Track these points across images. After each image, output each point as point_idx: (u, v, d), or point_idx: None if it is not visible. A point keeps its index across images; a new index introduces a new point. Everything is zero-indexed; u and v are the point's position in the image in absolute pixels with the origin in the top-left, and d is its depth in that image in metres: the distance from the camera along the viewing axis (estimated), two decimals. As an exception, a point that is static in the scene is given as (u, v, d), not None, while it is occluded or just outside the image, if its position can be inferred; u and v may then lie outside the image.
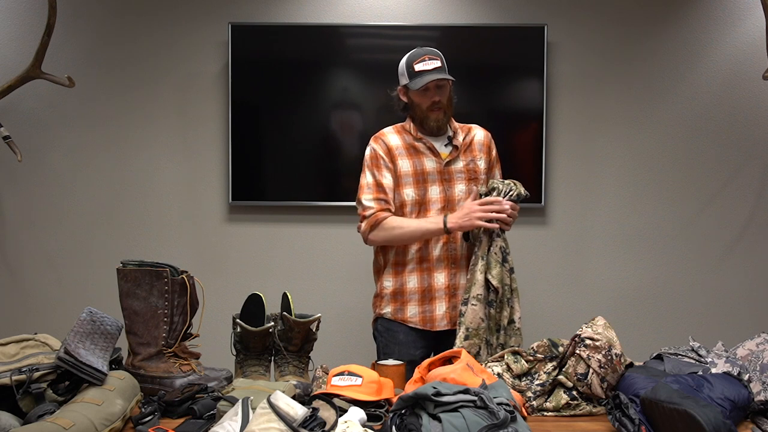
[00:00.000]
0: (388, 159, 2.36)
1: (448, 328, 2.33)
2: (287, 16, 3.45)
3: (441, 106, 2.32)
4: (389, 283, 2.38)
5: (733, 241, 3.47)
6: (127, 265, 1.94)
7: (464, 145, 2.39)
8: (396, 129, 2.42)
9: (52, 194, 3.49)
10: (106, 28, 3.45)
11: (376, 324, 2.45)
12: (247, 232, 3.51)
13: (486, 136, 2.46)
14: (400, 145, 2.37)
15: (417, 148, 2.36)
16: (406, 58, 2.34)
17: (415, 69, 2.29)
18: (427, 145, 2.36)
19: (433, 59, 2.30)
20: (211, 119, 3.48)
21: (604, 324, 1.87)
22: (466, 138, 2.40)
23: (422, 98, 2.32)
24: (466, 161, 2.37)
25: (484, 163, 2.40)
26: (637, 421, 1.52)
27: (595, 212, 3.49)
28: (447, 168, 2.35)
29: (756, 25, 3.33)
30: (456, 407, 1.45)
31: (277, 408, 1.37)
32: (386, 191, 2.34)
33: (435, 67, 2.29)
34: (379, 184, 2.34)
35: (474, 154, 2.39)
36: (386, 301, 2.39)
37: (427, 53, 2.31)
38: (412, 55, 2.34)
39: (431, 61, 2.29)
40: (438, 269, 2.33)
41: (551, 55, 3.42)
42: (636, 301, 3.49)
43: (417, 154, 2.36)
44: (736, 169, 3.46)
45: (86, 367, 1.61)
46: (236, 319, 2.02)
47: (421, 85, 2.28)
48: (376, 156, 2.37)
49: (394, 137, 2.39)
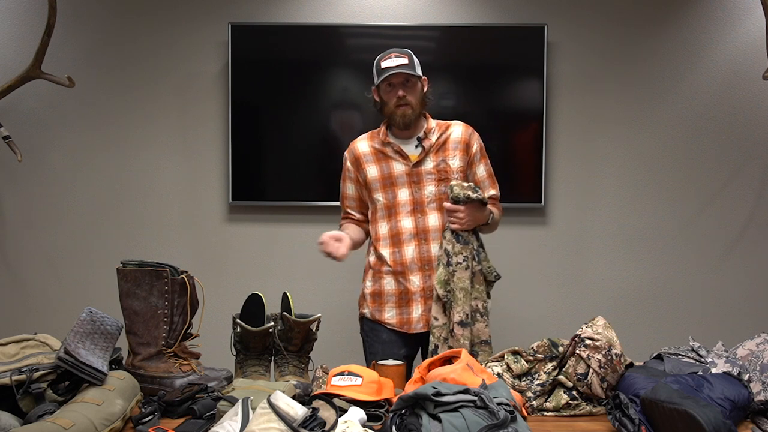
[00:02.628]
0: (354, 168, 2.43)
1: (424, 330, 2.33)
2: (287, 16, 3.45)
3: (407, 102, 2.32)
4: (369, 284, 2.42)
5: (733, 241, 3.47)
6: (127, 265, 1.94)
7: (436, 145, 2.36)
8: (369, 135, 2.46)
9: (52, 194, 3.49)
10: (106, 28, 3.45)
11: (362, 323, 2.49)
12: (247, 232, 3.51)
13: (464, 132, 2.41)
14: (368, 151, 2.40)
15: (385, 152, 2.38)
16: (377, 59, 2.36)
17: (382, 66, 2.31)
18: (395, 149, 2.36)
19: (399, 56, 2.30)
20: (211, 119, 3.48)
21: (604, 324, 1.87)
22: (440, 137, 2.38)
23: (389, 95, 2.33)
24: (436, 161, 2.35)
25: (459, 161, 2.36)
26: (637, 421, 1.52)
27: (595, 212, 3.49)
28: (416, 170, 2.35)
29: (756, 25, 3.34)
30: (456, 407, 1.45)
31: (277, 408, 1.37)
32: (345, 203, 2.51)
33: (400, 64, 2.29)
34: (343, 195, 2.51)
35: (446, 154, 2.36)
36: (367, 301, 2.42)
37: (394, 51, 2.33)
38: (381, 54, 2.35)
39: (397, 59, 2.30)
40: (412, 272, 2.34)
41: (551, 55, 3.42)
42: (636, 301, 3.49)
43: (385, 159, 2.37)
44: (736, 169, 3.46)
45: (86, 367, 1.61)
46: (236, 319, 2.02)
47: (381, 78, 2.29)
48: (345, 167, 2.47)
49: (363, 144, 2.43)
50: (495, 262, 2.34)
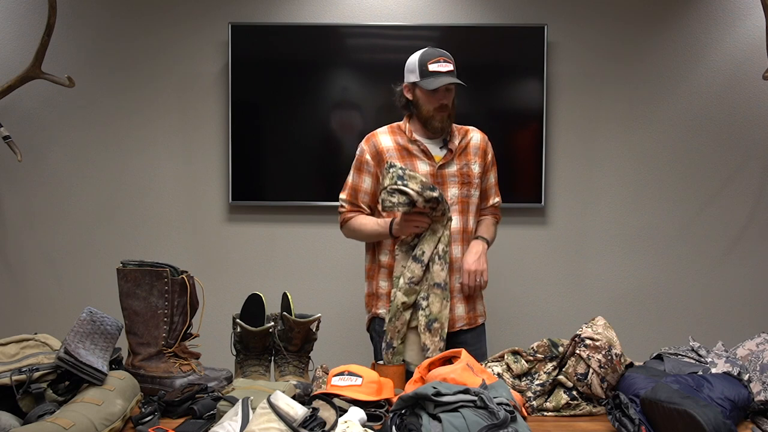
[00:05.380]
0: (375, 162, 2.35)
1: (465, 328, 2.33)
2: (287, 16, 3.45)
3: (447, 109, 2.30)
4: (384, 284, 2.36)
5: (733, 241, 3.47)
6: (127, 265, 1.94)
7: (459, 148, 2.36)
8: (390, 129, 2.40)
9: (52, 194, 3.49)
10: (106, 28, 3.45)
11: (373, 324, 2.43)
12: (247, 232, 3.51)
13: (482, 139, 2.42)
14: (392, 146, 2.35)
15: (410, 150, 2.34)
16: (420, 56, 2.29)
17: (429, 69, 2.25)
18: (421, 148, 2.33)
19: (448, 62, 2.27)
20: (211, 119, 3.48)
21: (604, 324, 1.87)
22: (462, 141, 2.37)
23: (430, 99, 2.28)
24: (460, 165, 2.34)
25: (478, 167, 2.37)
26: (637, 421, 1.52)
27: (595, 212, 3.49)
28: (440, 171, 2.32)
29: (756, 25, 3.34)
30: (456, 407, 1.45)
31: (277, 408, 1.37)
32: (359, 196, 2.39)
33: (449, 70, 2.26)
34: (356, 188, 2.39)
35: (469, 158, 2.36)
36: (383, 301, 2.38)
37: (442, 55, 2.28)
38: (426, 54, 2.29)
39: (446, 64, 2.26)
40: None
41: (551, 55, 3.42)
42: (636, 301, 3.49)
43: (410, 157, 2.33)
44: (736, 169, 3.46)
45: (86, 367, 1.61)
46: (236, 319, 2.02)
47: (436, 86, 2.24)
48: (362, 159, 2.38)
49: (386, 138, 2.37)
50: (495, 261, 2.35)
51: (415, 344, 2.18)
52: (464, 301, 2.33)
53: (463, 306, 2.34)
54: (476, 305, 2.39)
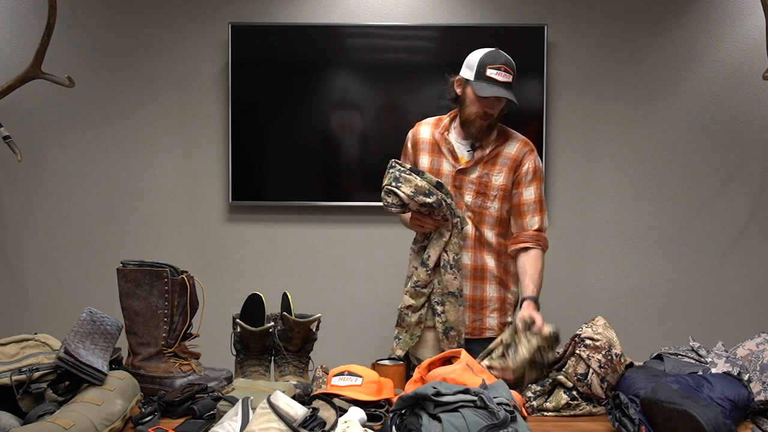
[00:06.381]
0: (413, 152, 2.35)
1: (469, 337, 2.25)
2: (287, 16, 3.45)
3: (490, 118, 2.22)
4: None
5: (733, 241, 3.47)
6: (127, 265, 1.94)
7: (487, 156, 2.26)
8: (435, 121, 2.35)
9: (52, 194, 3.49)
10: (106, 28, 3.45)
11: None
12: (247, 232, 3.51)
13: (520, 149, 2.27)
14: (428, 139, 2.32)
15: (440, 146, 2.29)
16: (482, 56, 2.19)
17: (487, 73, 2.16)
18: (449, 147, 2.28)
19: (508, 72, 2.17)
20: (211, 119, 3.48)
21: (604, 324, 1.87)
22: (493, 150, 2.26)
23: (478, 103, 2.19)
24: (480, 173, 2.25)
25: (503, 178, 2.25)
26: (637, 421, 1.52)
27: (595, 212, 3.49)
28: (460, 175, 2.26)
29: (756, 25, 3.33)
30: (456, 407, 1.45)
31: (277, 408, 1.37)
32: None
33: (506, 81, 2.16)
34: None
35: (493, 169, 2.25)
36: None
37: (505, 63, 2.17)
38: (489, 56, 2.18)
39: (505, 74, 2.16)
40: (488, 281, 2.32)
41: (551, 55, 3.42)
42: (636, 301, 3.49)
43: (438, 153, 2.30)
44: (736, 169, 3.46)
45: (86, 367, 1.61)
46: (236, 319, 2.02)
47: (487, 94, 2.15)
48: (406, 146, 2.39)
49: (426, 129, 2.35)
50: (495, 262, 2.34)
51: (430, 343, 2.18)
52: (470, 310, 2.27)
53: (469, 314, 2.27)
54: (485, 318, 2.29)
